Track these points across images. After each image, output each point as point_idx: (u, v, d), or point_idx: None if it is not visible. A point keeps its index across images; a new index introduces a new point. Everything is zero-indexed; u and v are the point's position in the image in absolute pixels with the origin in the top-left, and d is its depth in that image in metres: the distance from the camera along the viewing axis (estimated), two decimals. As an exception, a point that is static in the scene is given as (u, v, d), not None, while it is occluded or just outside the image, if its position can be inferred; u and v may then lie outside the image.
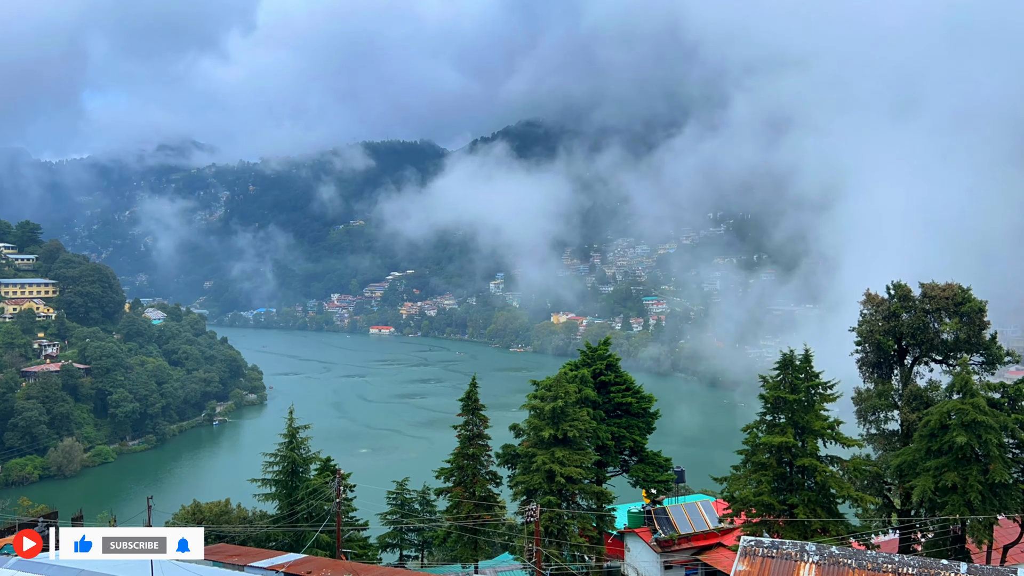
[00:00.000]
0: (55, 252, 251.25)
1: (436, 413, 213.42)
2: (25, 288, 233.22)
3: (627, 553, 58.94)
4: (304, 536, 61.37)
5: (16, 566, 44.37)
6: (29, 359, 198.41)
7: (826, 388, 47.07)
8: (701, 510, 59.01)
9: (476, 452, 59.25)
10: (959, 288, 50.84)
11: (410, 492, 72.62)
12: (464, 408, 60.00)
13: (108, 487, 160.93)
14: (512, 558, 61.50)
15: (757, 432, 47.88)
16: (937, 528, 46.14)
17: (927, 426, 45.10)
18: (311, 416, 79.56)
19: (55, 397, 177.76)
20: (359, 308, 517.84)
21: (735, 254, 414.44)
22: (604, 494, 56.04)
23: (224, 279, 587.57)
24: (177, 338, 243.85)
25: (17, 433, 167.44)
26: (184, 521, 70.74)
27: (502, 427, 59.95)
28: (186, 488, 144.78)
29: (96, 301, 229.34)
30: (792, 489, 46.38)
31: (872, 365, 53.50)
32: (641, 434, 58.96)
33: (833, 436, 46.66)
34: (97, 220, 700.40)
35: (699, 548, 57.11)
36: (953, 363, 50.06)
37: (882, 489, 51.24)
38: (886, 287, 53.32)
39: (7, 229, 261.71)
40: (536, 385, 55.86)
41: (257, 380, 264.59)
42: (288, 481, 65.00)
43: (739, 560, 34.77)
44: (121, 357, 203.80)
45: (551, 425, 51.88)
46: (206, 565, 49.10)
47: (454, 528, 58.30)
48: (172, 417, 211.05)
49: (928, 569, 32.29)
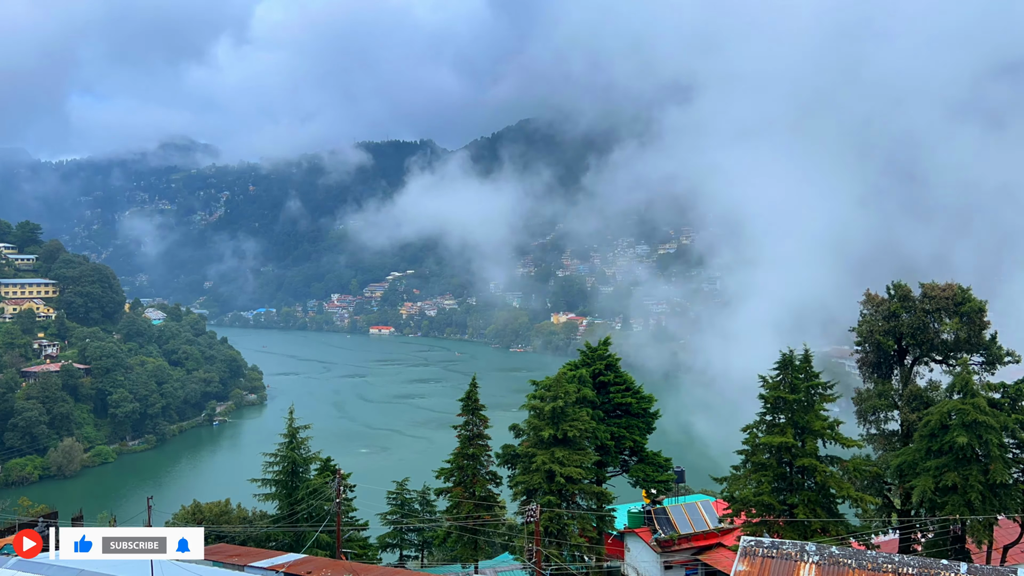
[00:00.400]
0: (55, 252, 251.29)
1: (436, 413, 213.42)
2: (25, 288, 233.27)
3: (627, 553, 58.93)
4: (304, 536, 61.34)
5: (16, 566, 44.38)
6: (29, 359, 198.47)
7: (826, 388, 47.07)
8: (701, 510, 58.99)
9: (476, 452, 59.24)
10: (959, 288, 50.85)
11: (410, 492, 72.61)
12: (464, 408, 59.98)
13: (108, 487, 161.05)
14: (512, 558, 61.49)
15: (757, 432, 47.86)
16: (937, 528, 46.14)
17: (927, 426, 45.09)
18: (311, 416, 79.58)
19: (55, 397, 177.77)
20: (359, 308, 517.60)
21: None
22: (604, 494, 56.01)
23: (225, 279, 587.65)
24: (177, 338, 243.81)
25: (17, 433, 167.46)
26: (184, 521, 70.72)
27: (502, 427, 59.95)
28: (186, 488, 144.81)
29: (96, 301, 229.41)
30: (792, 489, 46.36)
31: (872, 365, 53.51)
32: (641, 434, 58.94)
33: (833, 436, 46.64)
34: (97, 220, 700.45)
35: (699, 548, 57.08)
36: (953, 363, 50.05)
37: (882, 489, 51.22)
38: (886, 287, 53.33)
39: (7, 229, 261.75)
40: (536, 385, 55.83)
41: (257, 380, 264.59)
42: (288, 481, 64.95)
43: (739, 560, 34.76)
44: (121, 357, 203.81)
45: (551, 425, 51.88)
46: (206, 565, 49.11)
47: (454, 528, 58.28)
48: (172, 417, 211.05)
49: (928, 569, 32.29)
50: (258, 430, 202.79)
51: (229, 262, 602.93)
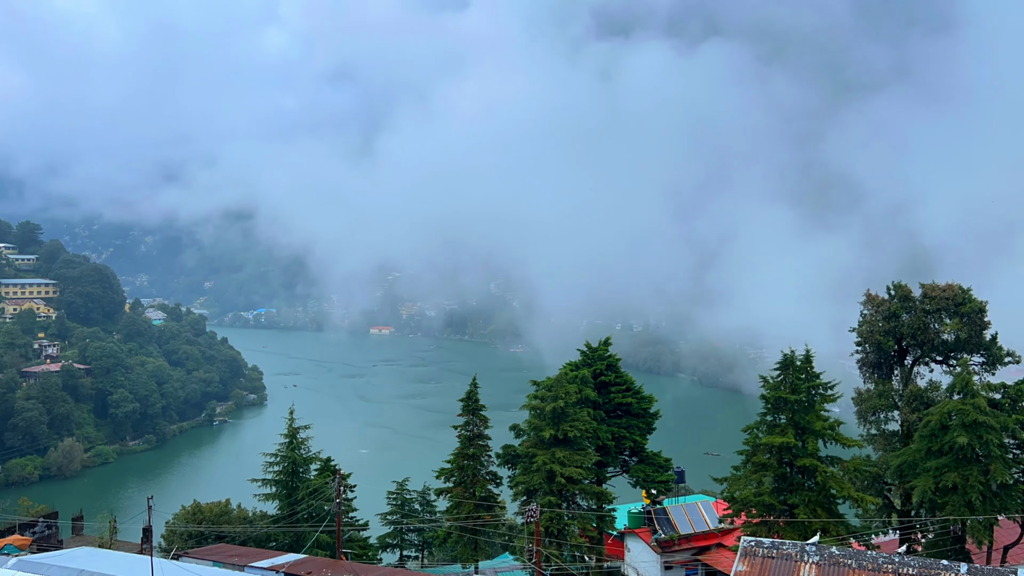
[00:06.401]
0: (55, 252, 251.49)
1: (436, 413, 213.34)
2: (25, 288, 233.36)
3: (627, 553, 58.93)
4: (304, 536, 61.33)
5: (16, 566, 44.41)
6: (29, 359, 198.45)
7: (827, 389, 47.06)
8: (701, 510, 59.02)
9: (476, 452, 59.26)
10: (959, 288, 50.86)
11: (410, 492, 72.64)
12: (464, 408, 60.00)
13: (108, 487, 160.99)
14: (512, 558, 61.51)
15: (758, 432, 47.85)
16: (937, 528, 46.11)
17: (927, 426, 45.07)
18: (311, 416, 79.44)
19: (55, 397, 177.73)
20: (359, 308, 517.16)
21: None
22: (604, 494, 56.03)
23: (225, 279, 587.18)
24: (177, 338, 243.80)
25: (17, 433, 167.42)
26: (184, 521, 70.74)
27: (502, 427, 59.94)
28: (186, 488, 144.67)
29: (96, 301, 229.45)
30: (792, 489, 46.32)
31: (872, 366, 53.51)
32: (641, 434, 58.95)
33: (834, 436, 46.63)
34: (97, 220, 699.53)
35: (699, 548, 57.13)
36: (953, 363, 50.05)
37: (882, 489, 51.21)
38: (886, 287, 53.35)
39: (7, 229, 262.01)
40: (536, 385, 55.83)
41: (257, 380, 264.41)
42: (288, 481, 64.98)
43: (739, 560, 34.73)
44: (121, 357, 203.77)
45: (551, 425, 51.87)
46: (206, 565, 49.16)
47: (454, 528, 58.27)
48: (172, 417, 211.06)
49: (928, 569, 32.27)
50: (258, 430, 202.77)
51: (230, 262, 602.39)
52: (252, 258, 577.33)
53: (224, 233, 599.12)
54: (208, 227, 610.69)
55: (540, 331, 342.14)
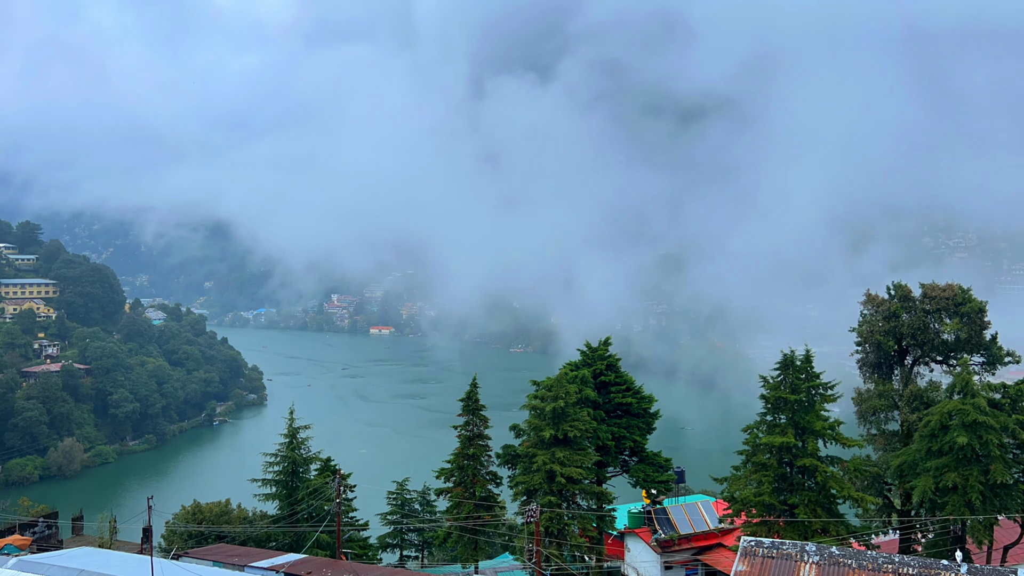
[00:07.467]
0: (55, 252, 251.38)
1: (436, 413, 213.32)
2: (25, 288, 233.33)
3: (627, 553, 58.94)
4: (304, 536, 61.34)
5: (16, 566, 44.41)
6: (29, 359, 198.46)
7: (827, 389, 47.05)
8: (701, 510, 59.01)
9: (476, 452, 59.26)
10: (959, 288, 50.89)
11: (410, 492, 72.65)
12: (464, 408, 60.01)
13: (108, 487, 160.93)
14: (512, 558, 61.52)
15: (758, 432, 47.85)
16: (937, 528, 46.12)
17: (927, 426, 45.07)
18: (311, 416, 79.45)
19: (55, 397, 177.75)
20: (359, 308, 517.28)
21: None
22: (604, 494, 56.03)
23: (225, 279, 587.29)
24: (177, 338, 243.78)
25: (17, 433, 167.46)
26: (184, 521, 70.74)
27: (502, 427, 59.91)
28: (186, 488, 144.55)
29: (96, 301, 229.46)
30: (792, 489, 46.33)
31: (872, 366, 53.53)
32: (641, 434, 58.91)
33: (833, 436, 46.61)
34: (97, 220, 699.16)
35: (699, 548, 57.11)
36: (954, 363, 50.07)
37: (882, 489, 51.23)
38: (887, 287, 53.38)
39: (7, 229, 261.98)
40: (536, 385, 55.82)
41: (257, 380, 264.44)
42: (288, 481, 64.96)
43: (739, 560, 34.74)
44: (121, 357, 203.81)
45: (551, 425, 51.86)
46: (206, 565, 49.16)
47: (454, 528, 58.27)
48: (172, 417, 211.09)
49: (928, 569, 32.27)
50: (258, 430, 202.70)
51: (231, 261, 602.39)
52: (252, 258, 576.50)
53: (224, 233, 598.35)
54: (208, 227, 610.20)
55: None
